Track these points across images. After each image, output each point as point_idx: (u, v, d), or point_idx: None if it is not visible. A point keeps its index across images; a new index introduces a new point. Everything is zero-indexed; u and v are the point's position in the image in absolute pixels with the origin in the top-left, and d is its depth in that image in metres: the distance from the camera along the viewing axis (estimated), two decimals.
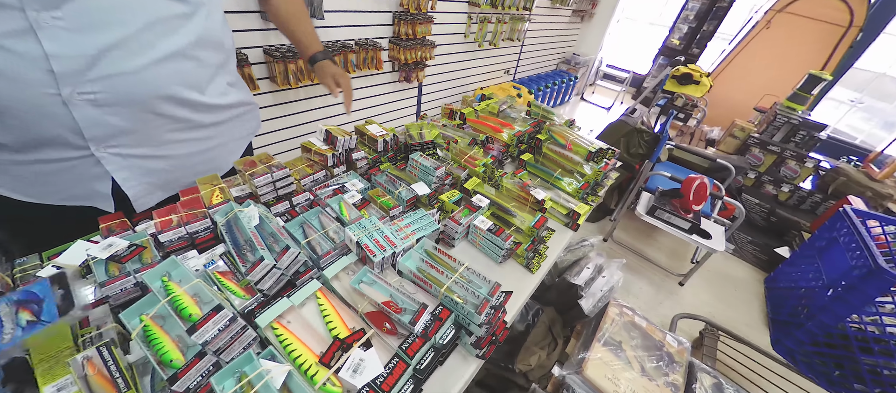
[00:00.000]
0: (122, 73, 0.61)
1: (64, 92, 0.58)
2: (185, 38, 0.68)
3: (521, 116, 1.63)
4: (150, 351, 0.49)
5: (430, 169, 1.10)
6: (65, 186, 0.71)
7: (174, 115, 0.73)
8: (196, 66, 0.73)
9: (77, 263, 0.69)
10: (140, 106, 0.66)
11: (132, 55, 0.62)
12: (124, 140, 0.69)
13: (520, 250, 1.00)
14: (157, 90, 0.67)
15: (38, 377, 0.53)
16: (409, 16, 2.46)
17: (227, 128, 0.90)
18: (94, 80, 0.59)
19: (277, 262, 0.68)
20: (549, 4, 4.00)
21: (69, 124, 0.61)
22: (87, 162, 0.68)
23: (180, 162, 0.82)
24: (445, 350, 0.68)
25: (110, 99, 0.62)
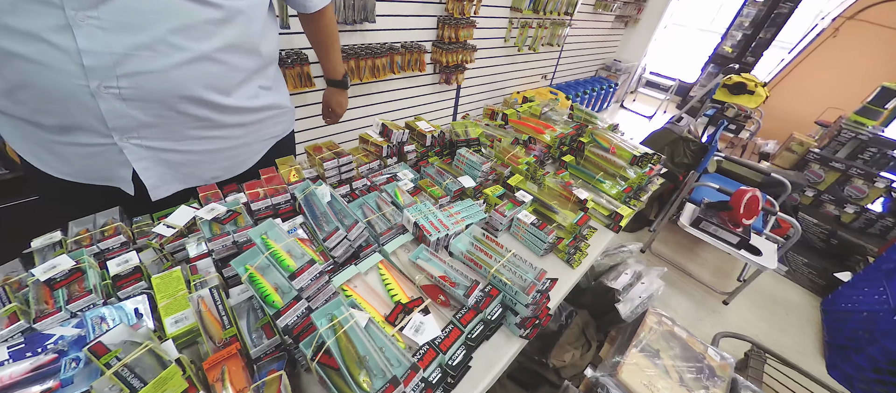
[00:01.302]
0: (148, 72, 0.64)
1: (92, 84, 0.61)
2: (216, 43, 0.69)
3: (563, 119, 1.65)
4: (257, 292, 0.59)
5: (477, 164, 1.16)
6: (93, 168, 0.75)
7: (196, 114, 0.74)
8: (225, 69, 0.73)
9: (182, 223, 0.82)
10: (162, 103, 0.69)
11: (159, 56, 0.63)
12: (146, 133, 0.72)
13: (562, 245, 1.03)
14: (180, 90, 0.68)
15: (161, 310, 0.65)
16: (452, 20, 2.55)
17: (252, 129, 0.89)
18: (120, 77, 0.62)
19: (348, 233, 0.77)
20: (592, 10, 3.95)
21: (96, 114, 0.65)
22: (111, 150, 0.72)
23: (199, 158, 0.83)
24: (493, 325, 0.73)
25: (135, 95, 0.65)
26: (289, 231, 0.76)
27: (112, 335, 0.51)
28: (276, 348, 0.63)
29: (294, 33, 1.92)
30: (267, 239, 0.65)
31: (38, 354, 0.56)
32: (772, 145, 3.43)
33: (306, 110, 2.19)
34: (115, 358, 0.48)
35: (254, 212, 0.83)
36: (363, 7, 2.07)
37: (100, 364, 0.48)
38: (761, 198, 1.93)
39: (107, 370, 0.47)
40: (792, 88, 4.03)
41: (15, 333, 0.58)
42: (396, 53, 2.39)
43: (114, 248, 0.76)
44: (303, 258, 0.62)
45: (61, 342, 0.57)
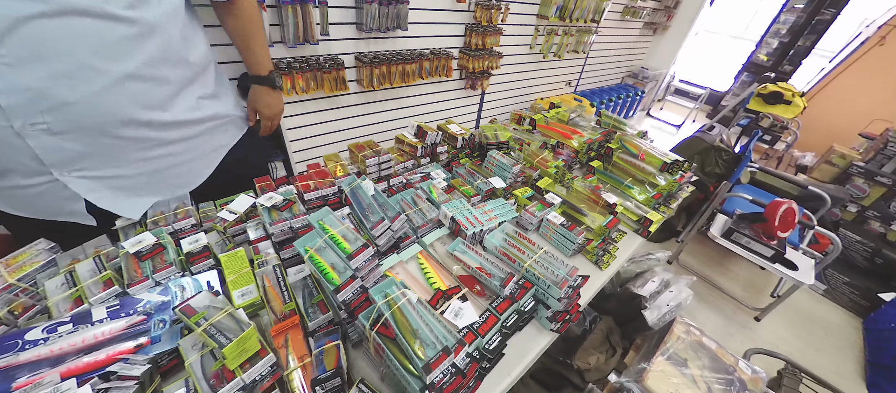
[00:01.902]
0: (73, 102, 0.60)
1: (15, 125, 0.58)
2: (138, 60, 0.65)
3: (591, 125, 1.67)
4: (317, 269, 0.66)
5: (507, 166, 1.20)
6: (46, 206, 0.73)
7: (135, 136, 0.71)
8: (153, 85, 0.70)
9: (242, 210, 0.91)
10: (97, 131, 0.65)
11: (81, 83, 0.60)
12: (87, 163, 0.69)
13: (590, 247, 1.05)
14: (112, 115, 0.65)
15: (229, 284, 0.73)
16: (480, 27, 2.61)
17: (198, 142, 0.86)
18: (45, 112, 0.59)
19: (392, 224, 0.83)
20: (619, 17, 3.92)
21: (28, 153, 0.62)
22: (55, 186, 0.69)
23: (148, 178, 0.80)
24: (526, 316, 0.77)
25: (64, 127, 0.62)
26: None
27: (197, 300, 0.59)
28: (329, 323, 0.70)
29: (332, 40, 2.04)
30: (323, 224, 0.72)
31: (131, 315, 0.64)
32: (810, 158, 3.28)
33: (340, 113, 2.31)
34: (202, 318, 0.56)
35: (306, 201, 0.90)
36: (397, 15, 2.17)
37: (190, 323, 0.55)
38: (798, 211, 1.87)
39: (196, 328, 0.54)
40: (833, 99, 3.84)
41: (110, 296, 0.67)
42: (425, 59, 2.48)
43: (185, 229, 0.85)
44: (357, 242, 0.68)
45: (149, 306, 0.66)
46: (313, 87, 2.01)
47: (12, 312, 0.67)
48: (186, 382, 0.59)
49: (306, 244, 0.70)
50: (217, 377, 0.54)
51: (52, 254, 0.77)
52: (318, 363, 0.59)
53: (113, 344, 0.60)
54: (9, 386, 0.54)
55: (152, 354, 0.60)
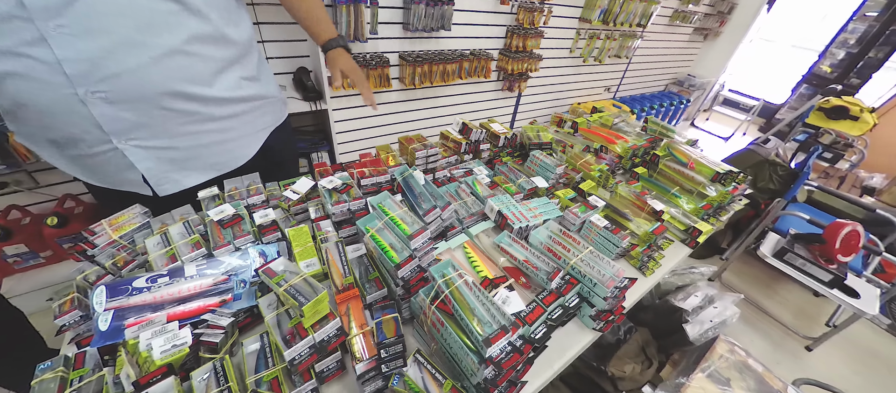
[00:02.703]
0: (124, 72, 0.65)
1: (79, 91, 0.63)
2: (182, 34, 0.69)
3: (636, 131, 1.63)
4: (378, 248, 0.71)
5: (551, 166, 1.21)
6: (109, 174, 0.79)
7: (183, 109, 0.75)
8: (197, 60, 0.73)
9: (303, 191, 0.99)
10: (146, 102, 0.70)
11: (129, 55, 0.64)
12: (140, 133, 0.74)
13: (635, 252, 1.04)
14: (159, 86, 0.69)
15: (296, 256, 0.80)
16: (522, 30, 2.62)
17: (242, 121, 0.90)
18: (101, 80, 0.64)
19: (442, 212, 0.87)
20: (668, 22, 3.77)
21: (91, 120, 0.67)
22: (116, 154, 0.74)
23: (196, 152, 0.84)
24: (570, 312, 0.78)
25: (119, 96, 0.67)
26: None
27: (276, 264, 0.66)
28: (383, 299, 0.75)
29: (379, 39, 2.13)
30: (383, 207, 0.77)
31: (215, 274, 0.72)
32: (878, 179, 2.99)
33: (384, 109, 2.40)
34: (282, 280, 0.62)
35: (362, 187, 0.97)
36: (442, 15, 2.22)
37: (273, 283, 0.62)
38: (863, 234, 1.72)
39: (278, 288, 0.61)
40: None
41: (198, 256, 0.76)
42: (465, 60, 2.52)
43: (256, 204, 0.93)
44: (415, 225, 0.73)
45: (230, 268, 0.74)
46: None
47: (116, 264, 0.77)
48: (262, 336, 0.67)
49: (367, 224, 0.76)
50: (292, 334, 0.60)
51: (146, 218, 0.88)
52: (379, 331, 0.64)
53: (201, 298, 0.69)
54: (121, 323, 0.63)
55: (234, 309, 0.68)
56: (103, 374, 0.59)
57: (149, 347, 0.55)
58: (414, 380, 0.59)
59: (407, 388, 0.59)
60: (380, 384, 0.63)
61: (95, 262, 0.76)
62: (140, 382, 0.52)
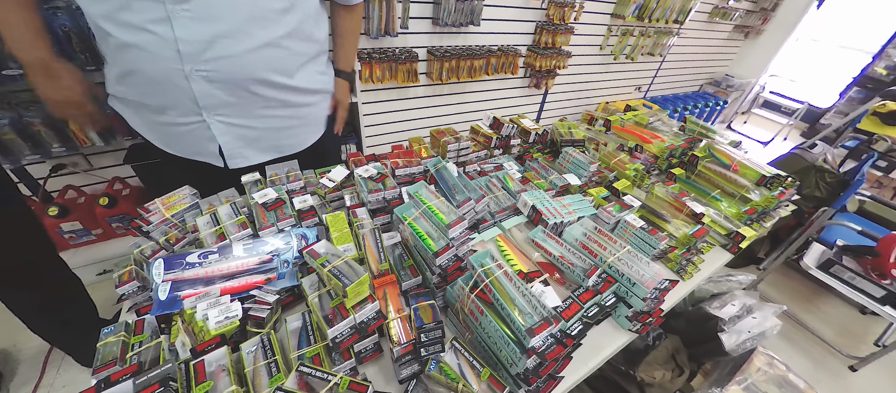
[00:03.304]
0: (226, 57, 0.73)
1: (186, 68, 0.72)
2: (280, 30, 0.78)
3: (673, 131, 1.57)
4: (416, 235, 0.72)
5: (584, 164, 1.18)
6: (189, 144, 0.89)
7: (265, 94, 0.84)
8: (287, 54, 0.82)
9: (339, 179, 1.01)
10: (238, 85, 0.79)
11: (235, 42, 0.73)
12: (227, 111, 0.83)
13: (673, 255, 1.00)
14: (252, 73, 0.78)
15: (334, 240, 0.82)
16: (551, 26, 2.56)
17: (313, 110, 0.99)
18: (206, 61, 0.72)
19: (476, 204, 0.87)
20: (707, 18, 3.59)
21: (189, 94, 0.76)
22: (201, 126, 0.84)
23: (269, 134, 0.93)
24: (606, 311, 0.76)
25: (217, 77, 0.75)
26: None
27: (319, 246, 0.68)
28: (418, 286, 0.76)
29: (409, 34, 2.14)
30: (420, 196, 0.78)
31: (260, 253, 0.76)
32: None
33: (408, 103, 2.42)
34: (326, 261, 0.64)
35: (397, 177, 0.98)
36: (471, 11, 2.21)
37: (317, 263, 0.64)
38: None
39: (322, 269, 0.63)
40: None
41: (245, 236, 0.80)
42: (493, 56, 2.50)
43: (295, 189, 0.97)
44: (451, 215, 0.73)
45: (273, 249, 0.77)
46: (388, 77, 2.13)
47: (168, 240, 0.82)
48: (303, 315, 0.69)
49: (404, 212, 0.77)
50: (333, 314, 0.62)
51: (195, 198, 0.92)
52: (416, 317, 0.65)
53: (247, 275, 0.72)
54: (177, 294, 0.67)
55: (278, 287, 0.71)
56: (160, 341, 0.63)
57: (205, 318, 0.59)
58: (451, 366, 0.59)
59: (443, 373, 0.60)
60: (416, 368, 0.64)
61: (150, 237, 0.81)
62: (197, 350, 0.55)
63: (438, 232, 0.73)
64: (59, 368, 1.42)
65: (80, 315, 1.29)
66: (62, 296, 1.22)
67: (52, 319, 1.21)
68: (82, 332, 1.31)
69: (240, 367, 0.58)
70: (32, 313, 1.17)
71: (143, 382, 0.50)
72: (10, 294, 1.10)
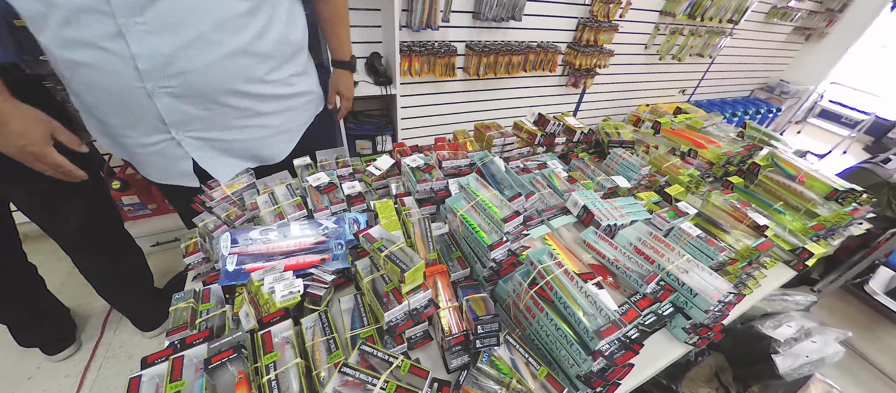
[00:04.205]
0: (193, 70, 0.67)
1: (147, 86, 0.66)
2: (248, 35, 0.70)
3: (729, 136, 1.47)
4: (469, 228, 0.71)
5: (635, 166, 1.13)
6: (159, 166, 0.82)
7: (237, 105, 0.77)
8: (259, 60, 0.75)
9: (385, 168, 1.02)
10: (208, 98, 0.72)
11: (200, 53, 0.66)
12: (198, 125, 0.76)
13: (733, 268, 0.94)
14: (221, 84, 0.72)
15: (383, 226, 0.83)
16: (595, 23, 2.47)
17: (287, 117, 0.91)
18: (170, 76, 0.66)
19: (526, 201, 0.85)
20: (764, 18, 3.34)
21: (154, 113, 0.70)
22: (171, 144, 0.77)
23: (245, 145, 0.86)
24: (663, 320, 0.73)
25: (184, 91, 0.69)
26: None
27: (375, 230, 0.69)
28: (466, 279, 0.75)
29: (449, 27, 2.13)
30: (472, 189, 0.77)
31: (316, 234, 0.78)
32: None
33: (446, 97, 2.42)
34: (382, 245, 0.65)
35: (444, 168, 0.98)
36: (513, 5, 2.17)
37: (374, 247, 0.65)
38: None
39: (379, 253, 0.64)
40: None
41: (301, 217, 0.83)
42: (532, 52, 2.44)
43: (344, 175, 0.99)
44: (504, 209, 0.72)
45: (327, 231, 0.79)
46: (426, 70, 2.14)
47: (229, 216, 0.86)
48: (355, 297, 0.70)
49: (455, 204, 0.76)
50: (387, 298, 0.63)
51: (252, 179, 0.96)
52: (469, 309, 0.64)
53: (303, 254, 0.74)
54: (242, 267, 0.70)
55: (332, 268, 0.72)
56: (225, 310, 0.66)
57: (271, 291, 0.61)
58: (504, 360, 0.58)
59: (494, 367, 0.59)
60: (465, 359, 0.64)
61: (213, 213, 0.85)
62: (263, 321, 0.58)
63: (491, 225, 0.72)
64: (116, 328, 1.54)
65: (139, 282, 1.39)
66: (126, 263, 1.32)
67: (115, 283, 1.32)
68: (140, 297, 1.41)
69: (300, 341, 0.60)
70: (100, 277, 1.28)
71: (217, 347, 0.52)
72: (85, 259, 1.21)
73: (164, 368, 0.51)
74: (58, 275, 1.71)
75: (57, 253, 1.18)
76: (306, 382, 0.53)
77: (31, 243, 1.28)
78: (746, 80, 4.03)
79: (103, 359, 1.44)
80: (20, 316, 1.26)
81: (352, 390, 0.47)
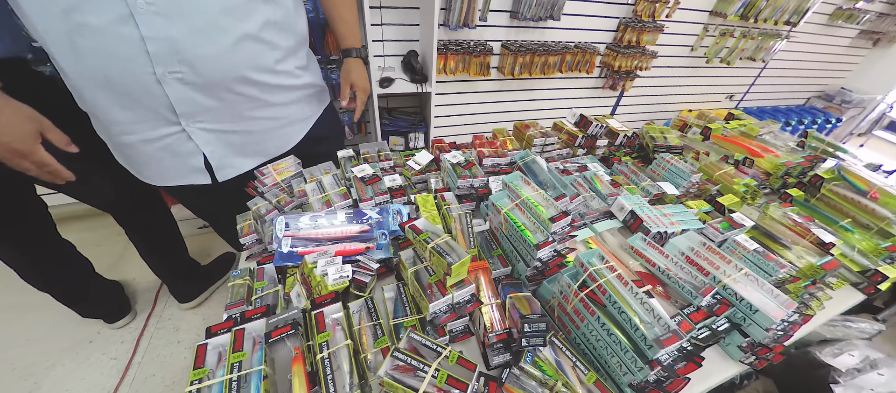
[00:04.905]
0: (204, 55, 0.66)
1: (157, 71, 0.64)
2: (257, 21, 0.70)
3: (788, 146, 1.37)
4: (514, 227, 0.71)
5: (685, 173, 1.07)
6: (169, 166, 0.79)
7: (247, 94, 0.76)
8: (267, 48, 0.75)
9: (424, 163, 1.03)
10: (219, 85, 0.71)
11: (210, 39, 0.66)
12: (208, 116, 0.75)
13: (794, 287, 0.87)
14: (232, 70, 0.71)
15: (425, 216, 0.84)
16: (638, 23, 2.37)
17: (294, 109, 0.91)
18: (180, 62, 0.65)
19: (570, 203, 0.83)
20: (826, 20, 3.08)
21: (164, 101, 0.68)
22: (180, 138, 0.75)
23: (254, 137, 0.85)
24: (718, 336, 0.69)
25: (194, 79, 0.68)
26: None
27: (420, 223, 0.70)
28: (506, 277, 0.74)
29: (486, 26, 2.12)
30: (517, 187, 0.77)
31: (361, 223, 0.80)
32: None
33: (478, 97, 2.41)
34: (428, 237, 0.65)
35: (484, 166, 0.97)
36: (552, 5, 2.13)
37: (420, 239, 0.66)
38: None
39: (425, 245, 0.64)
40: None
41: (346, 205, 0.85)
42: (569, 53, 2.39)
43: (386, 168, 1.01)
44: (550, 209, 0.70)
45: (371, 221, 0.81)
46: (461, 69, 2.14)
47: (279, 202, 0.90)
48: (398, 286, 0.71)
49: (499, 201, 0.76)
50: (431, 289, 0.63)
51: (299, 167, 1.00)
52: (513, 308, 0.64)
53: (349, 241, 0.76)
54: (294, 250, 0.73)
55: (376, 257, 0.74)
56: (278, 289, 0.69)
57: (324, 273, 0.63)
58: (549, 361, 0.57)
59: (538, 367, 0.58)
60: (507, 357, 0.63)
61: (265, 198, 0.90)
62: (316, 301, 0.60)
63: (536, 224, 0.71)
64: (166, 303, 1.66)
65: (173, 246, 1.51)
66: (169, 238, 1.45)
67: (161, 257, 1.45)
68: (182, 273, 1.53)
69: (347, 324, 0.61)
70: (147, 250, 1.40)
71: (275, 322, 0.55)
72: (137, 233, 1.33)
73: (226, 338, 0.54)
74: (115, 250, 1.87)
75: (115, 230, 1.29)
76: (355, 364, 0.55)
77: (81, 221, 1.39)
78: (802, 88, 3.72)
79: (155, 329, 1.56)
80: (68, 294, 1.34)
81: (403, 375, 0.48)
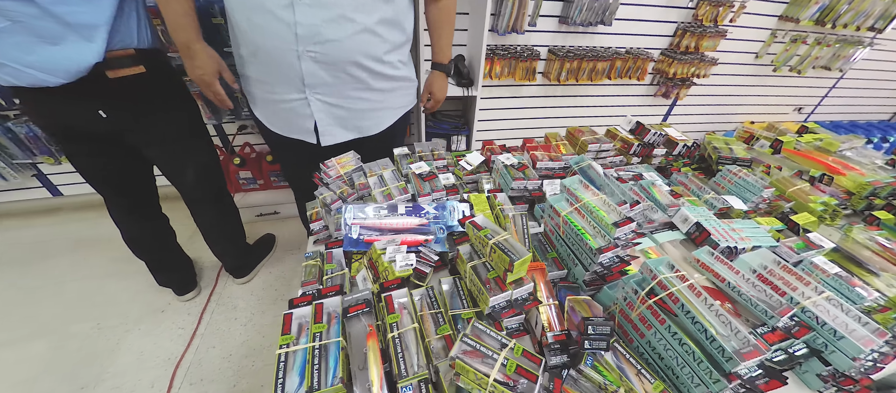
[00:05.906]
0: (331, 40, 0.82)
1: (299, 49, 0.82)
2: (377, 17, 0.85)
3: (875, 164, 1.24)
4: (574, 230, 0.71)
5: (756, 187, 1.01)
6: (290, 120, 0.99)
7: (357, 76, 0.91)
8: (379, 40, 0.89)
9: (476, 164, 1.06)
10: (338, 66, 0.87)
11: (339, 28, 0.81)
12: (324, 90, 0.92)
13: (882, 317, 0.79)
14: (350, 56, 0.86)
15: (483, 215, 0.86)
16: (698, 28, 2.25)
17: (392, 95, 1.05)
18: (317, 43, 0.82)
19: (632, 209, 0.81)
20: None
21: (298, 73, 0.86)
22: (302, 103, 0.93)
23: (355, 114, 1.00)
24: (795, 361, 0.64)
25: (322, 58, 0.84)
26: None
27: (480, 219, 0.72)
28: (562, 280, 0.74)
29: (534, 32, 2.12)
30: (576, 191, 0.77)
31: (420, 216, 0.84)
32: None
33: (522, 102, 2.40)
34: (488, 234, 0.68)
35: (538, 169, 0.98)
36: (604, 9, 2.08)
37: (481, 234, 0.68)
38: None
39: (487, 241, 0.67)
40: None
41: (405, 199, 0.90)
42: (619, 59, 2.31)
43: (440, 167, 1.05)
44: (611, 213, 0.70)
45: (429, 216, 0.84)
46: (506, 73, 2.15)
47: (342, 194, 0.97)
48: (455, 280, 0.74)
49: (558, 204, 0.76)
50: (490, 284, 0.65)
51: (358, 162, 1.07)
52: (572, 310, 0.64)
53: (409, 233, 0.80)
54: (361, 237, 0.78)
55: (434, 249, 0.77)
56: (345, 272, 0.75)
57: (392, 260, 0.68)
58: (611, 367, 0.57)
59: (598, 372, 0.58)
60: (564, 359, 0.63)
61: (329, 188, 0.97)
62: (384, 286, 0.64)
63: (596, 228, 0.70)
64: (226, 283, 1.82)
65: (236, 232, 1.66)
66: (227, 215, 1.60)
67: (219, 231, 1.59)
68: (235, 246, 1.69)
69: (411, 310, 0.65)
70: (208, 226, 1.56)
71: (351, 300, 0.60)
72: (199, 209, 1.48)
73: (306, 310, 0.60)
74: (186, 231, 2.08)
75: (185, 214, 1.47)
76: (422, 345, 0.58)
77: (167, 203, 1.58)
78: (887, 101, 3.31)
79: (216, 305, 1.72)
80: (157, 257, 1.57)
81: (472, 359, 0.50)
